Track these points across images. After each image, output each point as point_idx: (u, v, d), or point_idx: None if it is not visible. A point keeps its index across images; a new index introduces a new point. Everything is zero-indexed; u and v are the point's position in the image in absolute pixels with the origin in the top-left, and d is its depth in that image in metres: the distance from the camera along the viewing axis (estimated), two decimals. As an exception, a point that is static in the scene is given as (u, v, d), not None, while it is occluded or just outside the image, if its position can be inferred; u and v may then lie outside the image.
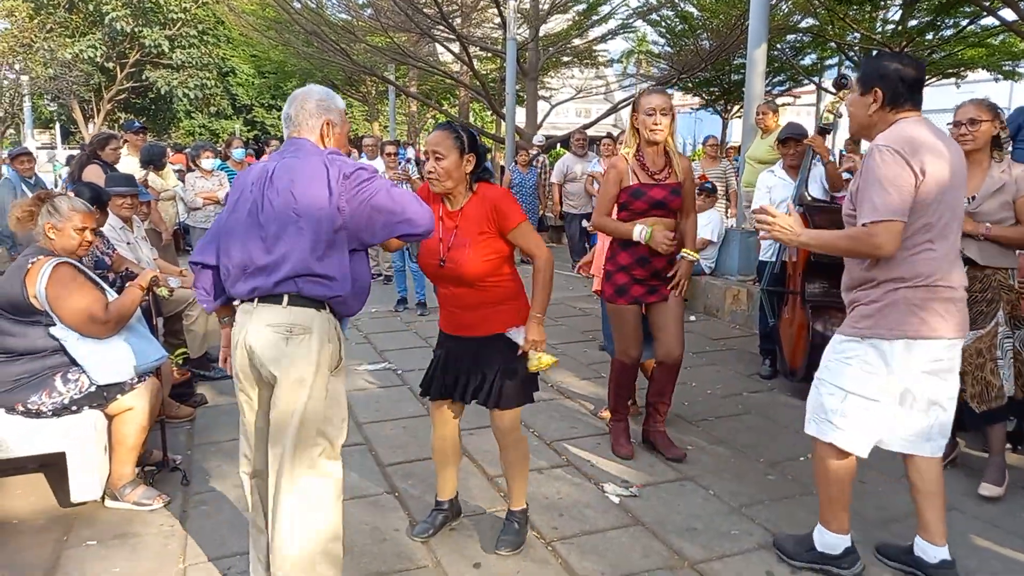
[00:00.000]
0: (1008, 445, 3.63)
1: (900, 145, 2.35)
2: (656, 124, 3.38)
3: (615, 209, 3.55)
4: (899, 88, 2.43)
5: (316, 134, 2.33)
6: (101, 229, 4.17)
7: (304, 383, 2.23)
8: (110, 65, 22.91)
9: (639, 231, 3.43)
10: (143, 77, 23.56)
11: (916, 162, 2.33)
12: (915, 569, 2.67)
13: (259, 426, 2.40)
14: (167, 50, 22.65)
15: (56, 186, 12.34)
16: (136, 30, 21.99)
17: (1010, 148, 3.32)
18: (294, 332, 2.21)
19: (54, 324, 3.04)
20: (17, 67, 20.56)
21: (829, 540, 2.65)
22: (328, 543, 2.34)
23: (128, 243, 4.61)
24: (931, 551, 2.62)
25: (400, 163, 7.63)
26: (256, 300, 2.25)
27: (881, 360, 2.46)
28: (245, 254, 2.24)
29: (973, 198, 3.19)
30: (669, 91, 18.07)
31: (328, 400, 2.30)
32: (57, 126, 27.47)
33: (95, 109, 23.69)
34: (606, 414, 4.15)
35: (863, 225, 2.36)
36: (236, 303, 2.40)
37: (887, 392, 2.47)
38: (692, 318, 6.81)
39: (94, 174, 5.81)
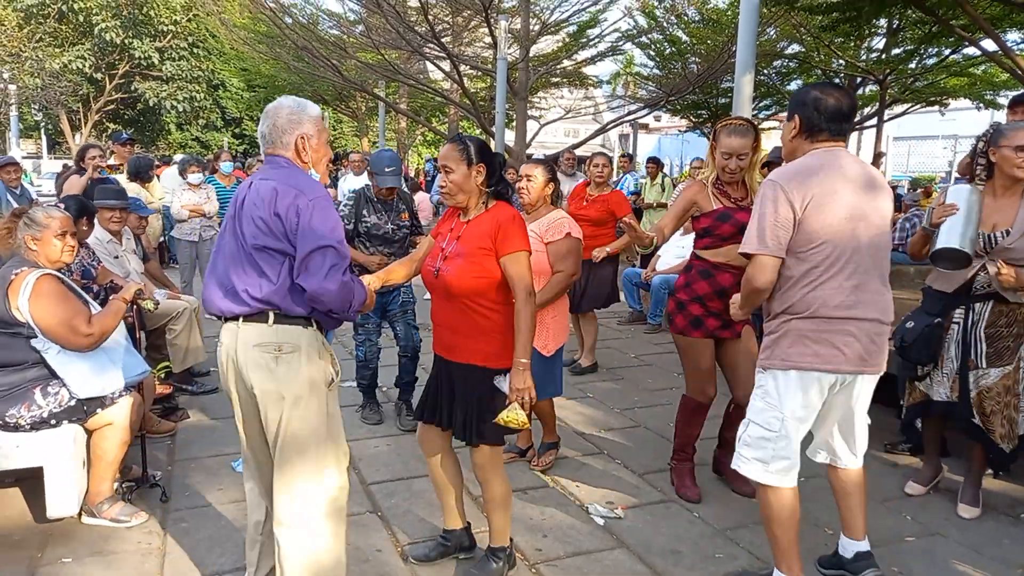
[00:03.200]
0: (989, 471, 3.65)
1: (785, 179, 2.38)
2: (729, 168, 3.22)
3: (688, 236, 3.43)
4: (814, 118, 2.43)
5: (291, 150, 2.28)
6: (87, 241, 4.14)
7: (298, 401, 2.22)
8: (99, 76, 22.84)
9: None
10: (132, 88, 23.49)
11: (797, 196, 2.35)
12: (840, 569, 2.75)
13: (254, 441, 2.39)
14: (157, 62, 22.63)
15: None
16: (126, 41, 21.97)
17: None
18: (283, 350, 2.20)
19: (35, 336, 3.00)
20: (5, 76, 20.45)
21: None
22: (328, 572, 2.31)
23: (116, 256, 4.57)
24: (850, 546, 2.71)
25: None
26: (241, 319, 2.24)
27: (775, 390, 2.50)
28: (225, 274, 2.24)
29: (1007, 232, 3.06)
30: (658, 113, 18.02)
31: (327, 417, 2.28)
32: (43, 136, 27.29)
33: (83, 120, 23.57)
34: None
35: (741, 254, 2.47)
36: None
37: (781, 423, 2.48)
38: (678, 339, 6.82)
39: (73, 184, 5.79)
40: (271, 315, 2.20)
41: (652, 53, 15.08)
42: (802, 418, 2.49)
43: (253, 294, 2.18)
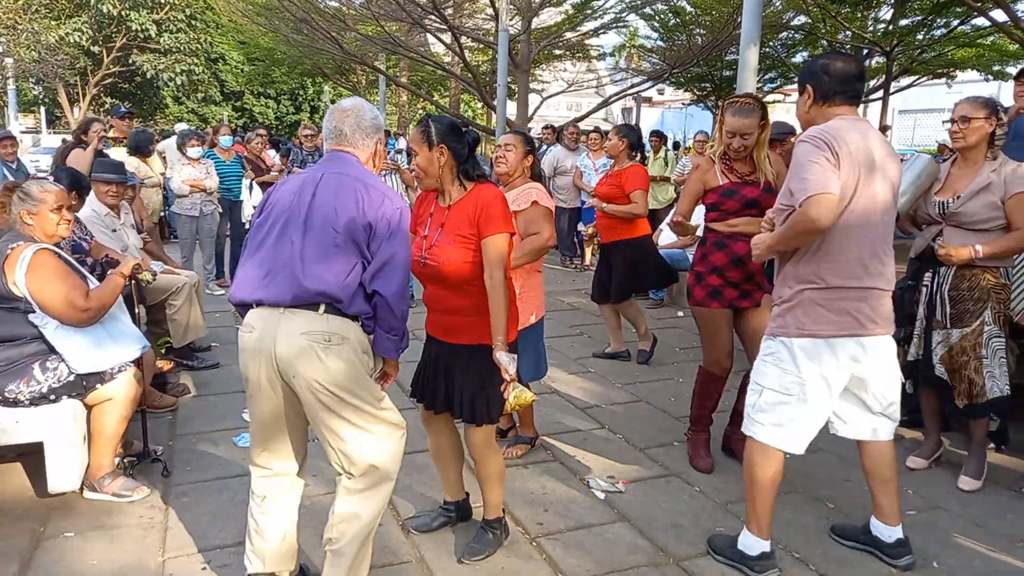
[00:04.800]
0: (991, 444, 3.64)
1: (821, 134, 2.39)
2: (734, 146, 3.27)
3: (700, 210, 3.43)
4: (826, 82, 2.49)
5: (368, 152, 2.36)
6: (77, 214, 4.10)
7: (346, 391, 2.19)
8: (96, 49, 22.61)
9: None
10: (130, 61, 23.26)
11: (838, 151, 2.36)
12: (871, 547, 2.78)
13: (294, 423, 2.34)
14: (154, 34, 22.37)
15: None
16: (123, 13, 21.71)
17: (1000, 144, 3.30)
18: (332, 341, 2.15)
19: (33, 311, 2.99)
20: (0, 49, 20.25)
21: (747, 541, 2.68)
22: (371, 535, 2.37)
23: (114, 230, 4.54)
24: (886, 531, 2.74)
25: (390, 153, 7.57)
26: (283, 308, 2.17)
27: (790, 357, 2.53)
28: (275, 260, 2.18)
29: (958, 197, 3.20)
30: (662, 86, 17.72)
31: (377, 407, 2.29)
32: (42, 110, 27.11)
33: (81, 93, 23.40)
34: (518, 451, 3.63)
35: (798, 206, 2.37)
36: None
37: (801, 387, 2.52)
38: (680, 313, 6.81)
39: (77, 158, 5.75)
40: (322, 306, 2.16)
41: (656, 24, 14.87)
42: (822, 385, 2.51)
43: (314, 285, 2.13)
